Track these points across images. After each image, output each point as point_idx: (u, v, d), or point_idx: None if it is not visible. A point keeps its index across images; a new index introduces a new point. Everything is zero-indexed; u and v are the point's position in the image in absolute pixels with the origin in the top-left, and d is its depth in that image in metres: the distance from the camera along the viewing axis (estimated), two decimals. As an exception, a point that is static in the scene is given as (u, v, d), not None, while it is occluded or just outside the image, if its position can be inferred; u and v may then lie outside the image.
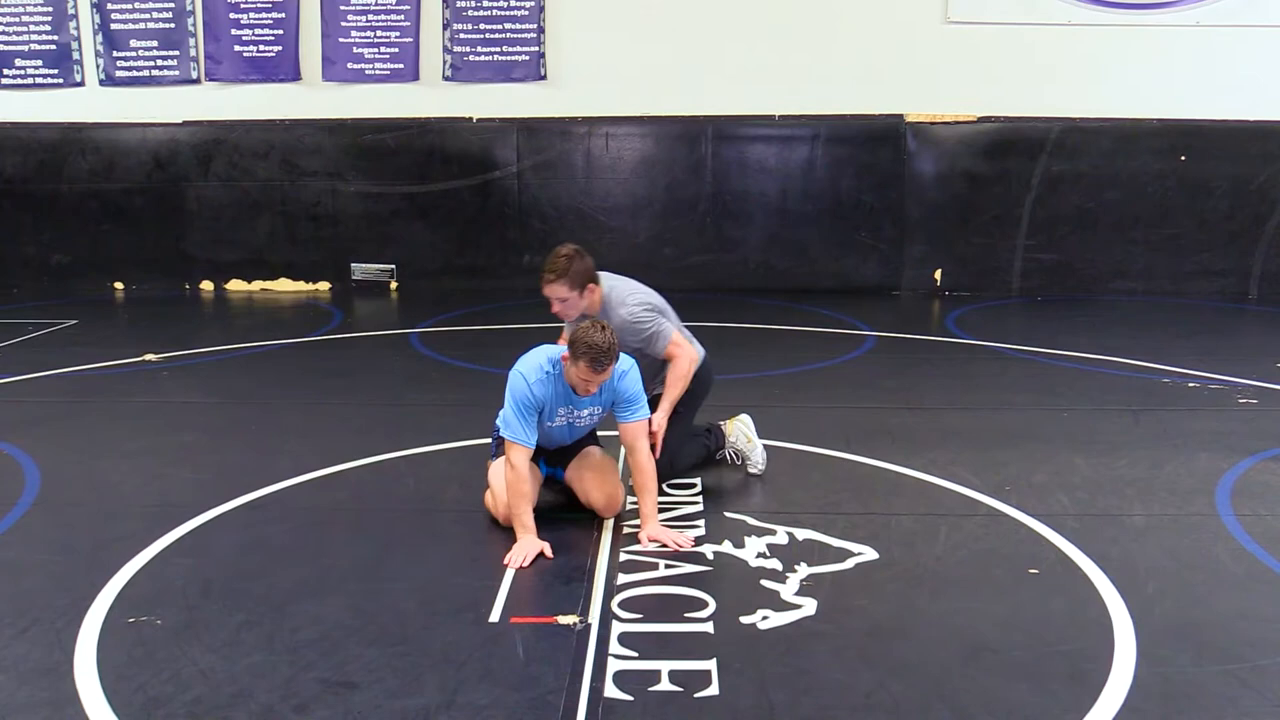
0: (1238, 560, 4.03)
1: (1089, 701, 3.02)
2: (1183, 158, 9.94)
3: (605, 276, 4.69)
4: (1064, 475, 4.95)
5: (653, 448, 4.40)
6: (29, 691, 3.09)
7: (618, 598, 3.68)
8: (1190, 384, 6.67)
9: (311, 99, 10.41)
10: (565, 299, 4.48)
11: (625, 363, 4.25)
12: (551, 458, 4.46)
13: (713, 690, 3.10)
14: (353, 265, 10.67)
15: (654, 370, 4.65)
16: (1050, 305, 9.82)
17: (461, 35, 10.25)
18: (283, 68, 10.41)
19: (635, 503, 4.32)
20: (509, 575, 3.85)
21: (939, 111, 10.06)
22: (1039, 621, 3.52)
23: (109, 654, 3.30)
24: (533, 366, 4.14)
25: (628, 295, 4.62)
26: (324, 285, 10.73)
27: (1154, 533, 4.30)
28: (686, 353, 4.61)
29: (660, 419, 4.50)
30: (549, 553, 3.99)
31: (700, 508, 4.54)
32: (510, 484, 4.10)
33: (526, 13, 10.15)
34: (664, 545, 4.09)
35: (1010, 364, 7.39)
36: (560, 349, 4.18)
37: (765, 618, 3.53)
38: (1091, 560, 3.97)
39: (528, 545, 3.99)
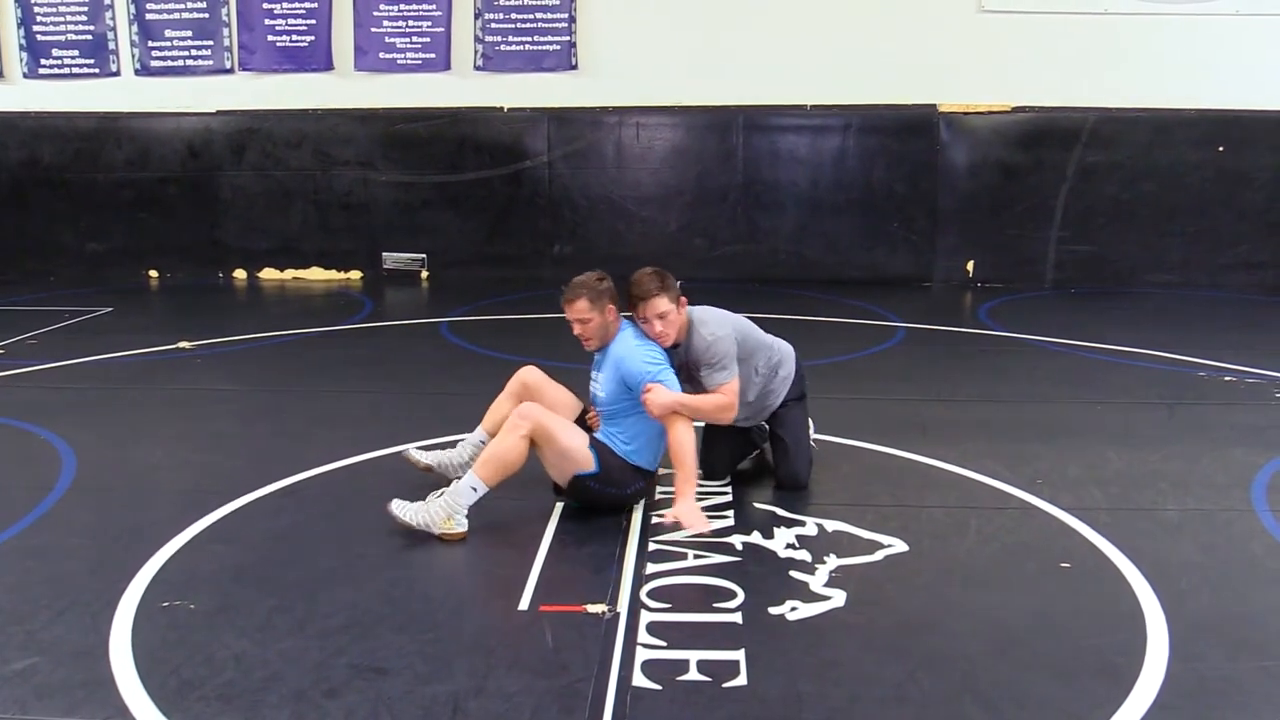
0: (1273, 556, 3.98)
1: (1120, 697, 3.00)
2: (1221, 148, 9.82)
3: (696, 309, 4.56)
4: (1097, 469, 4.90)
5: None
6: (65, 673, 3.13)
7: (646, 587, 3.68)
8: (1227, 378, 6.59)
9: (344, 89, 10.47)
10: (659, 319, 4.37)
11: (623, 347, 4.30)
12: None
13: (741, 680, 3.09)
14: (384, 254, 10.72)
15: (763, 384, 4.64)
16: (1084, 297, 9.73)
17: (493, 25, 10.26)
18: (315, 57, 10.46)
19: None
20: (538, 564, 3.86)
21: (973, 101, 9.98)
22: (1070, 616, 3.49)
23: (143, 637, 3.34)
24: None
25: (714, 321, 4.49)
26: (356, 274, 10.79)
27: (1188, 528, 4.26)
28: (731, 402, 4.42)
29: (672, 401, 4.23)
30: None
31: (729, 498, 4.54)
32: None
33: (558, 2, 10.15)
34: (680, 524, 4.07)
35: (1043, 357, 7.33)
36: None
37: (794, 609, 3.52)
38: (1124, 555, 3.93)
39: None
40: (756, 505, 4.43)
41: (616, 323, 4.38)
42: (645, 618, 3.46)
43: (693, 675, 3.12)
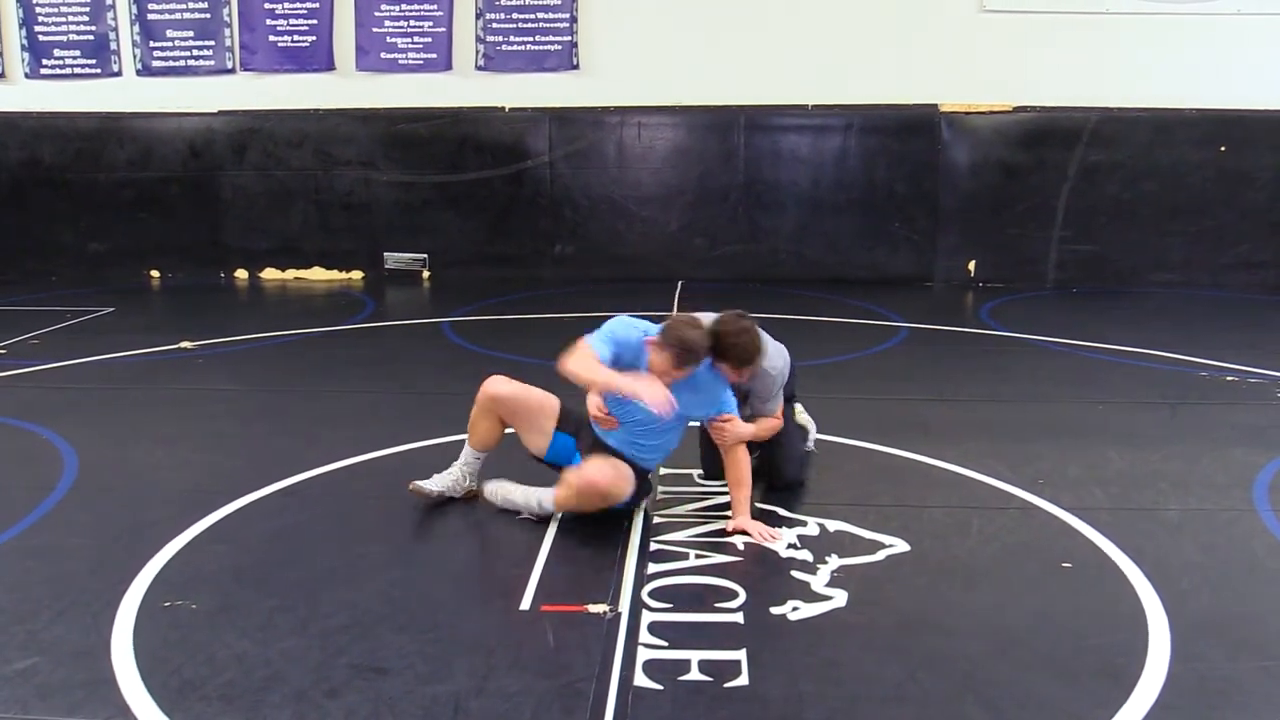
0: (1274, 556, 3.98)
1: (1122, 697, 2.99)
2: (1222, 148, 9.82)
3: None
4: (1098, 469, 4.90)
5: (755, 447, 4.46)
6: (66, 673, 3.13)
7: (648, 587, 3.68)
8: (1228, 377, 6.58)
9: (345, 89, 10.47)
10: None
11: (700, 379, 4.17)
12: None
13: (742, 680, 3.09)
14: (386, 254, 10.72)
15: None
16: (1086, 297, 9.73)
17: (494, 25, 10.27)
18: (317, 57, 10.46)
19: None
20: (539, 564, 3.86)
21: (974, 101, 9.98)
22: (1071, 616, 3.49)
23: (144, 637, 3.34)
24: (635, 324, 4.17)
25: (773, 352, 4.49)
26: (357, 274, 10.80)
27: (1189, 527, 4.25)
28: (780, 425, 4.52)
29: (746, 433, 4.31)
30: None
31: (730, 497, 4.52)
32: (579, 355, 4.00)
33: (559, 2, 10.15)
34: (749, 535, 4.09)
35: (1045, 356, 7.32)
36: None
37: (795, 609, 3.52)
38: (1125, 555, 3.93)
39: (645, 383, 3.92)
40: (757, 505, 4.42)
41: None
42: (647, 617, 3.46)
43: (694, 675, 3.12)
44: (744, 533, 4.11)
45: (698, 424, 4.43)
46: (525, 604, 3.56)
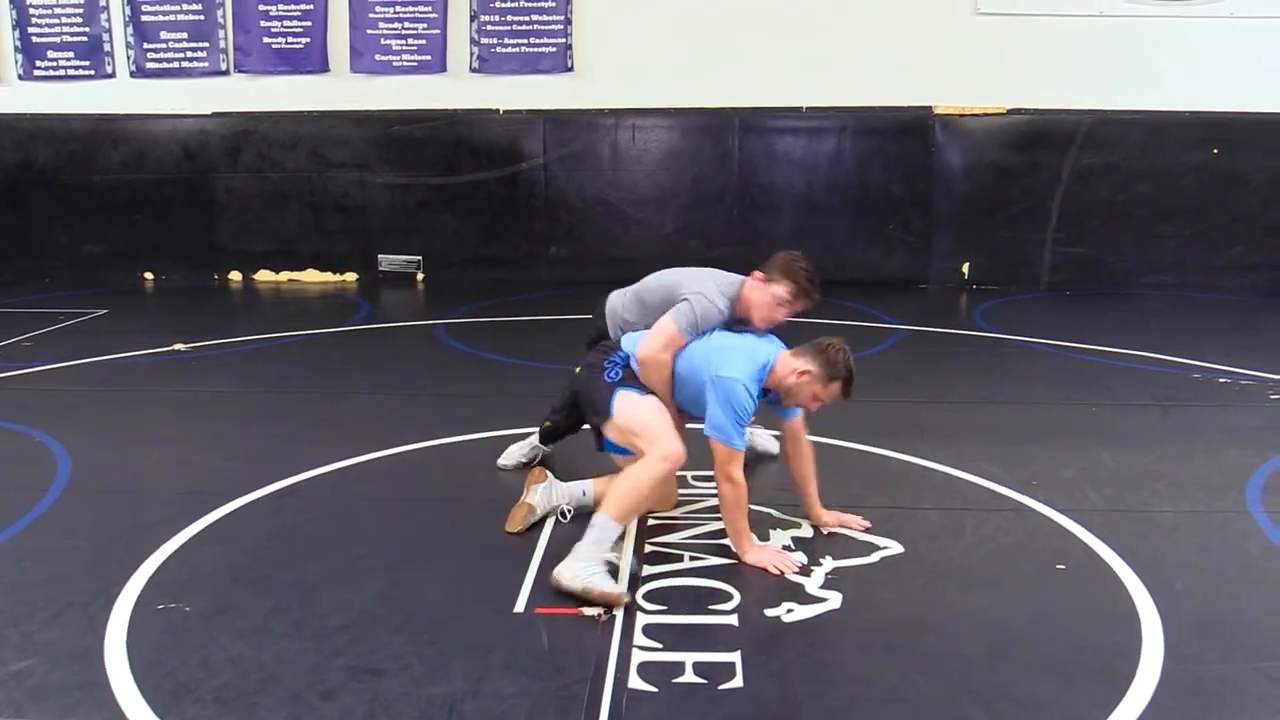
0: (1268, 557, 3.99)
1: (1116, 698, 3.00)
2: (1216, 150, 9.84)
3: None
4: (1092, 470, 4.91)
5: None
6: (60, 675, 3.13)
7: (642, 589, 3.69)
8: (1221, 379, 6.60)
9: (339, 90, 10.46)
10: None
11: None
12: None
13: (737, 682, 3.10)
14: (380, 256, 10.71)
15: None
16: (1080, 299, 9.74)
17: (488, 27, 10.26)
18: (311, 59, 10.46)
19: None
20: (534, 566, 3.86)
21: (968, 103, 9.99)
22: (1066, 617, 3.50)
23: (139, 639, 3.33)
24: (750, 376, 4.06)
25: None
26: (351, 276, 10.78)
27: (1183, 529, 4.26)
28: None
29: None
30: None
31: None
32: (738, 499, 3.96)
33: (553, 4, 10.15)
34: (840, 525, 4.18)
35: (1039, 358, 7.34)
36: (764, 352, 4.25)
37: (790, 610, 3.53)
38: (1119, 556, 3.94)
39: (776, 553, 3.94)
40: (752, 507, 4.40)
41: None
42: (641, 620, 3.46)
43: (689, 677, 3.12)
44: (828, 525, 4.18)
45: None
46: (520, 606, 3.56)
